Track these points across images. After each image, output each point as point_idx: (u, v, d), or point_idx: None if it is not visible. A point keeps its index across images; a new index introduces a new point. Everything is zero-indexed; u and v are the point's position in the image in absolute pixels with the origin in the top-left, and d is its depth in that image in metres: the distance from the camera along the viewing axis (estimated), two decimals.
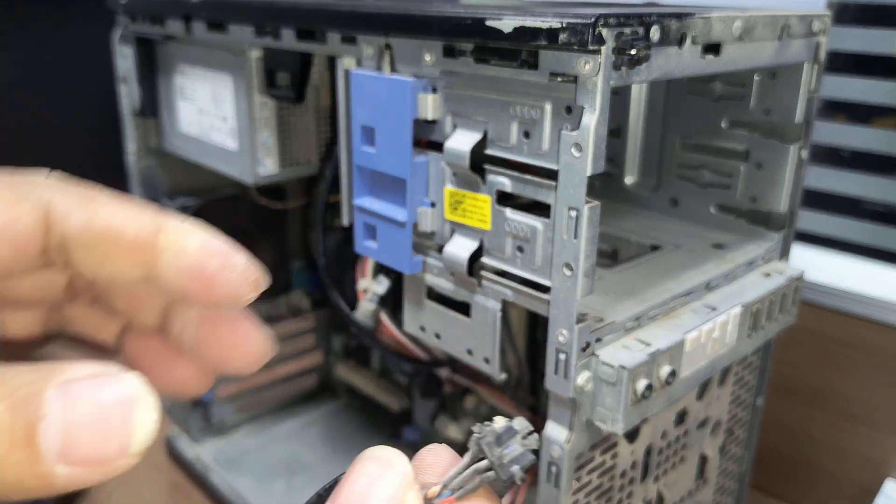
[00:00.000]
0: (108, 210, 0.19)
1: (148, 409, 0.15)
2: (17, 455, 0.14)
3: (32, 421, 0.14)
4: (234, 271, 0.19)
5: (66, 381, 0.15)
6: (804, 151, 0.49)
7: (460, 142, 0.39)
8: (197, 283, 0.18)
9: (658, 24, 0.34)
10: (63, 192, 0.19)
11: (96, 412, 0.15)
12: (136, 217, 0.19)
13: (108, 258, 0.19)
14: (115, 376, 0.15)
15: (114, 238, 0.18)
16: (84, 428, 0.14)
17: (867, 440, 0.67)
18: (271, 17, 0.48)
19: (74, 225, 0.18)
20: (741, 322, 0.44)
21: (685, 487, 0.51)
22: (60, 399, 0.14)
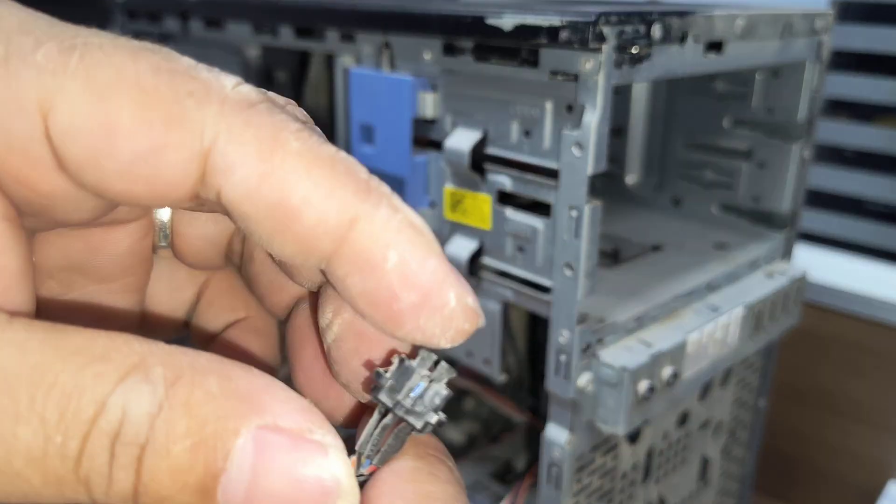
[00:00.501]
0: (289, 177, 0.13)
1: (349, 491, 0.12)
2: (188, 498, 0.12)
3: (214, 471, 0.12)
4: (438, 316, 0.13)
5: (263, 427, 0.12)
6: (807, 151, 0.48)
7: (460, 141, 0.39)
8: (381, 313, 0.13)
9: (660, 23, 0.34)
10: (237, 130, 0.13)
11: (290, 488, 0.12)
12: (324, 196, 0.13)
13: (274, 238, 0.13)
14: (321, 449, 0.12)
15: (286, 220, 0.13)
16: (270, 498, 0.12)
17: (870, 442, 0.67)
18: (269, 14, 0.48)
19: (236, 188, 0.13)
20: (743, 323, 0.44)
21: (687, 489, 0.50)
22: (252, 452, 0.12)
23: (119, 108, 0.12)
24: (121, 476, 0.11)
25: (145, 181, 0.13)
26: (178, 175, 0.13)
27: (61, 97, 0.12)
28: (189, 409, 0.12)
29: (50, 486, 0.12)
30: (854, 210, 0.76)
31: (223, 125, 0.13)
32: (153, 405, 0.12)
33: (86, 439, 0.11)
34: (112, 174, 0.13)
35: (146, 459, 0.11)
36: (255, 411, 0.12)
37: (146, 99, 0.12)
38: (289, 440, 0.12)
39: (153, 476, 0.12)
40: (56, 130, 0.12)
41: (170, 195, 0.13)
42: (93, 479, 0.11)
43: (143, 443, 0.11)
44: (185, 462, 0.12)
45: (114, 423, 0.11)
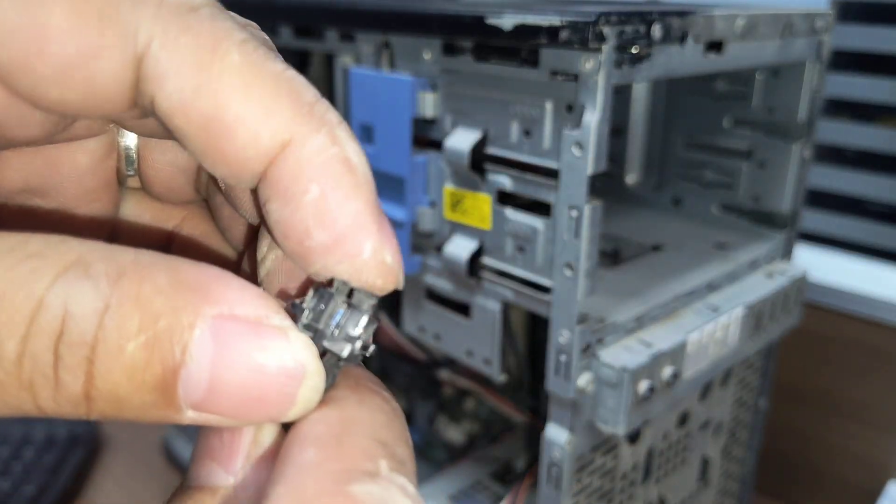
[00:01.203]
0: (225, 90, 0.12)
1: (315, 387, 0.12)
2: (146, 396, 0.11)
3: (173, 366, 0.11)
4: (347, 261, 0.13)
5: (219, 317, 0.11)
6: (807, 150, 0.48)
7: (460, 140, 0.39)
8: (293, 245, 0.13)
9: (660, 22, 0.34)
10: (173, 36, 0.12)
11: (252, 376, 0.12)
12: (260, 115, 0.12)
13: (207, 154, 0.13)
14: (282, 333, 0.12)
15: (219, 136, 0.12)
16: (232, 388, 0.11)
17: (870, 442, 0.67)
18: (269, 14, 0.48)
19: (170, 98, 0.12)
20: (744, 323, 0.44)
21: (687, 490, 0.50)
22: (211, 344, 0.11)
23: (50, 10, 0.12)
24: (68, 379, 0.11)
25: (80, 87, 0.12)
26: (112, 81, 0.12)
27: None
28: (139, 304, 0.11)
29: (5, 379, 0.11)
30: (855, 210, 0.76)
31: (158, 28, 0.12)
32: (97, 301, 0.11)
33: (25, 340, 0.11)
34: (45, 80, 0.12)
35: (97, 360, 0.11)
36: (210, 301, 0.11)
37: (80, 2, 0.12)
38: (247, 327, 0.12)
39: (107, 377, 0.11)
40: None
41: (106, 102, 0.13)
42: (37, 383, 0.11)
43: (92, 342, 0.11)
44: (141, 359, 0.11)
45: (54, 321, 0.11)
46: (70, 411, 0.11)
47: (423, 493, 0.52)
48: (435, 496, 0.53)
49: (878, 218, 0.75)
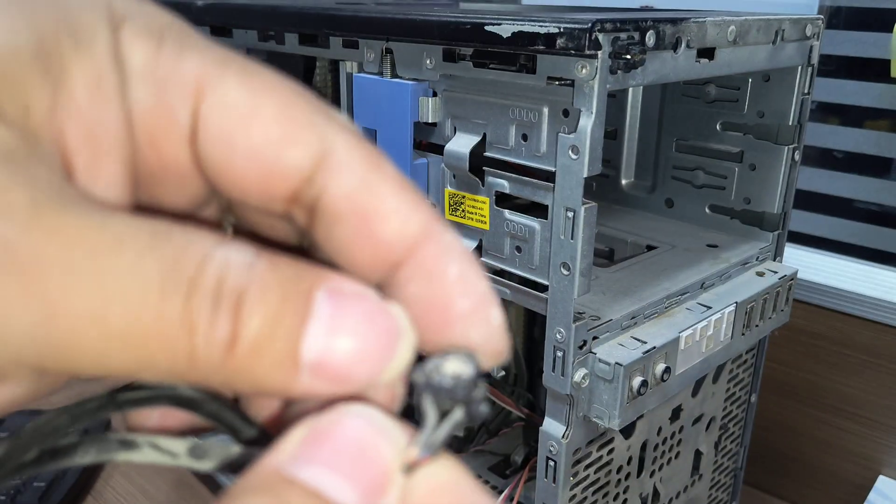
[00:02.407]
0: (386, 188, 0.15)
1: (409, 344, 0.14)
2: (276, 348, 0.13)
3: (302, 318, 0.13)
4: (484, 327, 0.15)
5: (335, 289, 0.14)
6: (797, 153, 0.50)
7: (460, 144, 0.40)
8: (435, 317, 0.15)
9: (653, 29, 0.35)
10: (351, 144, 0.15)
11: (362, 331, 0.13)
12: (410, 210, 0.15)
13: (355, 240, 0.15)
14: (381, 303, 0.14)
15: (374, 223, 0.15)
16: (346, 343, 0.13)
17: (860, 437, 0.68)
18: (275, 22, 0.49)
19: (342, 186, 0.15)
20: (735, 320, 0.45)
21: (680, 482, 0.52)
22: (330, 304, 0.13)
23: (264, 102, 0.15)
24: (222, 321, 0.13)
25: (264, 167, 0.15)
26: (295, 167, 0.15)
27: (219, 82, 0.15)
28: (275, 269, 0.13)
29: (158, 326, 0.12)
30: (844, 211, 0.77)
31: (342, 137, 0.15)
32: (249, 261, 0.13)
33: (195, 281, 0.13)
34: (238, 154, 0.15)
35: (244, 306, 0.13)
36: (327, 276, 0.14)
37: (287, 103, 0.15)
38: (356, 296, 0.14)
39: (249, 322, 0.13)
40: (206, 105, 0.15)
41: (278, 187, 0.15)
42: (198, 323, 0.13)
43: (242, 291, 0.13)
44: (278, 310, 0.13)
45: (218, 269, 0.13)
46: (215, 359, 0.13)
47: None
48: None
49: (866, 219, 0.76)
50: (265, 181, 0.15)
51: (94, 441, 0.15)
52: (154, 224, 0.13)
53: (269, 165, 0.15)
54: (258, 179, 0.15)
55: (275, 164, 0.15)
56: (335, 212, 0.15)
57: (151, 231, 0.13)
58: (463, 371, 0.15)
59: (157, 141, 0.15)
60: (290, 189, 0.15)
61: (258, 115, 0.15)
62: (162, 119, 0.15)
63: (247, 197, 0.16)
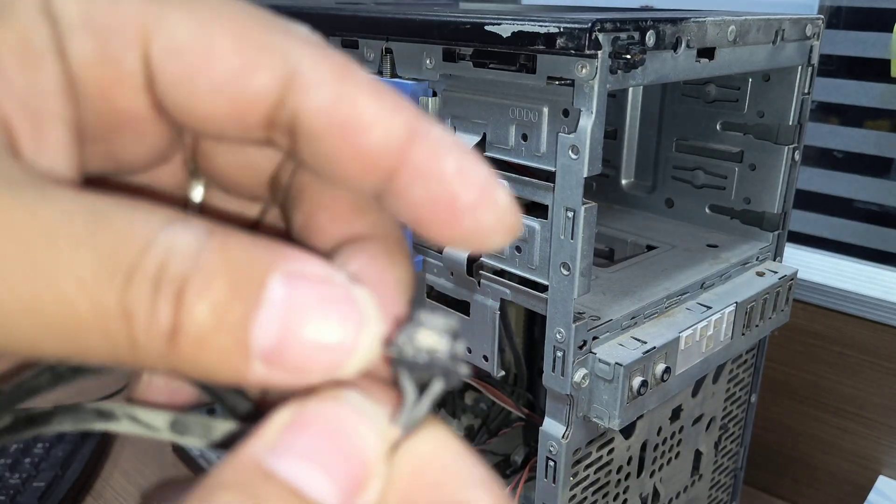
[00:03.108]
0: (361, 97, 0.14)
1: (374, 333, 0.13)
2: (222, 339, 0.12)
3: (250, 305, 0.12)
4: (493, 211, 0.14)
5: (292, 272, 0.13)
6: (797, 153, 0.50)
7: None
8: (442, 214, 0.14)
9: (653, 29, 0.35)
10: (316, 58, 0.14)
11: (319, 320, 0.13)
12: (391, 114, 0.14)
13: (341, 156, 0.14)
14: (345, 288, 0.13)
15: (357, 134, 0.14)
16: (301, 331, 0.12)
17: (860, 437, 0.68)
18: None
19: (315, 104, 0.14)
20: (735, 320, 0.45)
21: (680, 483, 0.52)
22: (285, 290, 0.12)
23: (217, 33, 0.14)
24: (163, 310, 0.12)
25: (231, 100, 0.14)
26: (263, 94, 0.14)
27: (164, 22, 0.14)
28: (225, 252, 0.12)
29: (95, 316, 0.12)
30: (844, 211, 0.77)
31: (306, 52, 0.14)
32: (195, 244, 0.12)
33: (134, 268, 0.12)
34: (202, 93, 0.14)
35: (187, 294, 0.12)
36: (284, 258, 0.13)
37: (241, 28, 0.14)
38: (316, 281, 0.13)
39: (192, 311, 0.12)
40: (157, 49, 0.14)
41: (249, 117, 0.14)
42: (136, 312, 0.12)
43: (185, 277, 0.12)
44: (224, 297, 0.12)
45: (160, 256, 0.12)
46: (157, 348, 0.12)
47: None
48: None
49: (866, 219, 0.76)
50: (235, 114, 0.14)
51: (69, 410, 0.15)
52: (95, 204, 0.12)
53: (235, 98, 0.14)
54: (227, 113, 0.14)
55: (241, 96, 0.14)
56: (315, 129, 0.14)
57: (90, 213, 0.12)
58: (437, 343, 0.14)
59: (109, 93, 0.15)
60: (263, 116, 0.14)
61: (213, 49, 0.14)
62: (109, 70, 0.14)
63: (218, 131, 0.15)
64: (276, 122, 0.15)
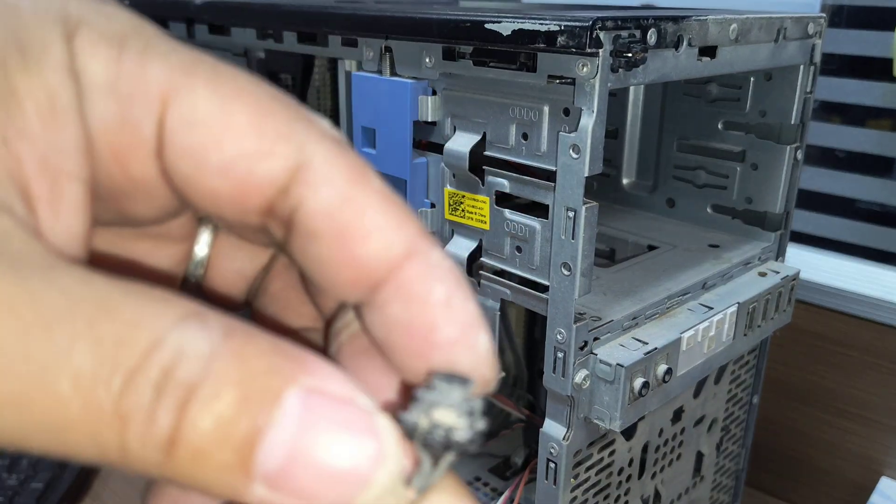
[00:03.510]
0: (369, 204, 0.14)
1: (391, 472, 0.12)
2: (224, 455, 0.11)
3: (259, 427, 0.11)
4: (470, 355, 0.14)
5: (312, 388, 0.12)
6: (799, 153, 0.49)
7: (460, 143, 0.40)
8: (416, 342, 0.14)
9: (655, 28, 0.35)
10: (332, 156, 0.14)
11: (333, 449, 0.12)
12: (394, 228, 0.14)
13: (330, 262, 0.14)
14: (368, 415, 0.12)
15: (354, 242, 0.14)
16: (311, 457, 0.11)
17: (862, 438, 0.68)
18: (273, 20, 0.49)
19: (319, 203, 0.14)
20: (737, 321, 0.45)
21: (682, 484, 0.51)
22: (299, 412, 0.11)
23: (237, 112, 0.14)
24: (162, 417, 0.11)
25: (237, 181, 0.14)
26: (269, 179, 0.14)
27: (186, 92, 0.14)
28: (241, 360, 0.11)
29: (87, 418, 0.11)
30: (846, 211, 0.77)
31: (322, 147, 0.14)
32: (208, 348, 0.11)
33: (136, 370, 0.11)
34: (210, 168, 0.14)
35: (192, 404, 0.11)
36: (305, 371, 0.12)
37: (262, 112, 0.14)
38: (336, 402, 0.12)
39: (195, 423, 0.11)
40: (173, 118, 0.14)
41: (251, 201, 0.14)
42: (132, 417, 0.11)
43: (193, 386, 0.11)
44: (232, 412, 0.11)
45: (167, 359, 0.11)
46: (151, 457, 0.11)
47: None
48: None
49: (868, 218, 0.76)
50: (238, 196, 0.14)
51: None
52: (105, 289, 0.12)
53: (242, 180, 0.14)
54: (231, 194, 0.14)
55: (248, 179, 0.14)
56: (312, 228, 0.14)
57: (98, 302, 0.11)
58: (456, 423, 0.13)
59: (122, 157, 0.14)
60: (265, 203, 0.14)
61: (229, 127, 0.14)
62: (126, 135, 0.14)
63: (218, 211, 0.14)
64: (275, 212, 0.14)
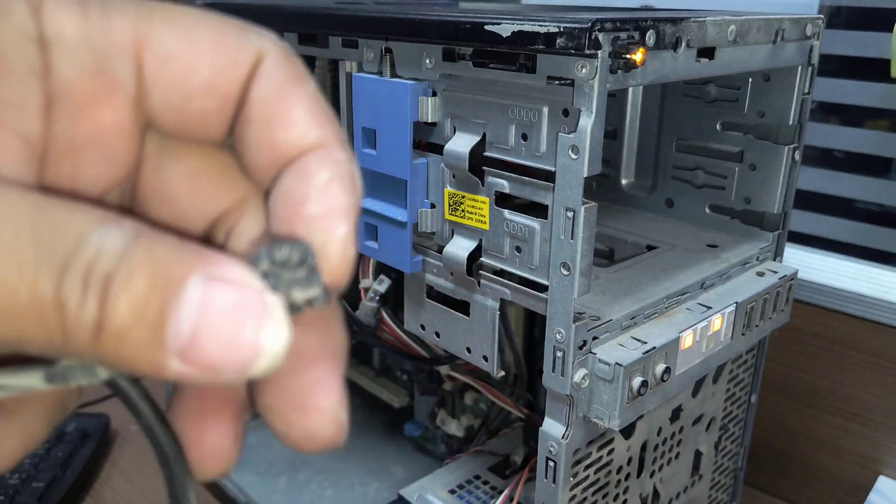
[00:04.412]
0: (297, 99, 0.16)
1: (281, 337, 0.14)
2: (140, 333, 0.13)
3: (166, 304, 0.13)
4: (324, 234, 0.16)
5: (211, 276, 0.14)
6: (797, 153, 0.50)
7: (459, 144, 0.40)
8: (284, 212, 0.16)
9: (653, 29, 0.35)
10: (279, 56, 0.16)
11: (231, 321, 0.14)
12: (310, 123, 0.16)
13: (255, 144, 0.16)
14: (260, 294, 0.14)
15: (274, 130, 0.16)
16: (213, 331, 0.13)
17: (860, 437, 0.68)
18: (274, 21, 0.49)
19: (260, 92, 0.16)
20: (735, 320, 0.45)
21: (680, 483, 0.52)
22: (201, 292, 0.13)
23: (201, 40, 0.16)
24: (90, 304, 0.13)
25: (219, 94, 0.16)
26: (239, 85, 0.16)
27: (153, 34, 0.16)
28: (150, 253, 0.13)
29: (34, 305, 0.13)
30: (844, 211, 0.77)
31: (273, 49, 0.16)
32: (122, 244, 0.13)
33: (68, 262, 0.13)
34: (195, 91, 0.16)
35: (111, 289, 0.13)
36: (206, 262, 0.14)
37: (220, 32, 0.16)
38: (233, 286, 0.14)
39: (115, 306, 0.13)
40: (150, 59, 0.16)
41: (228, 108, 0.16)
42: (68, 305, 0.13)
43: (111, 274, 0.13)
44: (143, 294, 0.13)
45: (90, 253, 0.13)
46: (85, 341, 0.13)
47: (423, 487, 0.54)
48: (435, 489, 0.54)
49: (866, 219, 0.76)
50: (221, 107, 0.16)
51: None
52: (38, 200, 0.13)
53: (223, 92, 0.16)
54: (216, 107, 0.16)
55: (227, 89, 0.16)
56: (250, 116, 0.16)
57: (33, 207, 0.13)
58: (294, 276, 0.15)
59: (96, 107, 0.16)
60: (235, 106, 0.16)
61: (200, 52, 0.16)
62: (101, 83, 0.15)
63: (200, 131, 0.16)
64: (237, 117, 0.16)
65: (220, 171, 0.18)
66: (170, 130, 0.17)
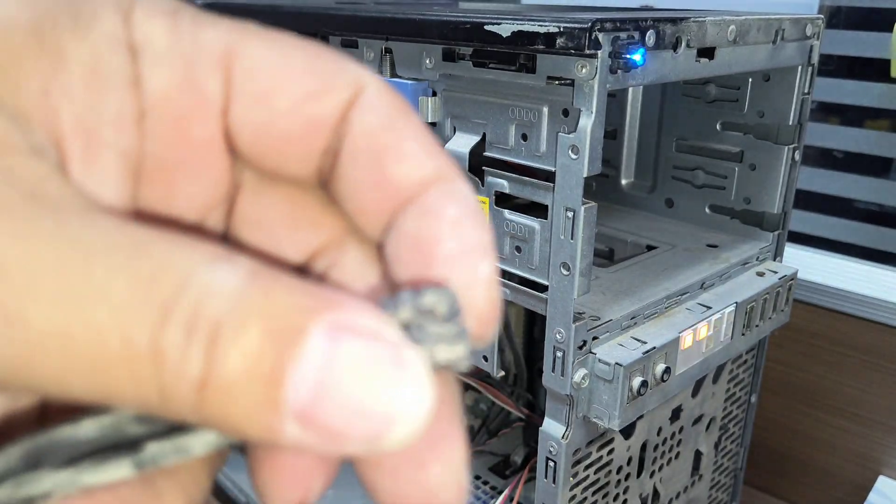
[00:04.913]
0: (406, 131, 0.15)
1: (423, 403, 0.12)
2: (253, 391, 0.11)
3: (285, 357, 0.11)
4: (467, 273, 0.14)
5: (338, 323, 0.12)
6: (797, 153, 0.50)
7: (459, 144, 0.40)
8: (417, 255, 0.14)
9: (653, 29, 0.35)
10: (380, 88, 0.15)
11: (362, 381, 0.11)
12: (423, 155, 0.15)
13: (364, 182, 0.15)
14: (396, 348, 0.12)
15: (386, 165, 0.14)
16: (340, 393, 0.11)
17: (860, 437, 0.68)
18: (273, 21, 0.49)
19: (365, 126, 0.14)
20: (735, 320, 0.45)
21: (680, 483, 0.52)
22: (326, 344, 0.11)
23: (295, 58, 0.15)
24: (194, 355, 0.11)
25: (307, 117, 0.14)
26: (332, 113, 0.14)
27: (244, 47, 0.14)
28: (268, 296, 0.11)
29: (126, 353, 0.11)
30: (843, 211, 0.77)
31: (373, 81, 0.15)
32: (235, 286, 0.11)
33: (170, 305, 0.11)
34: (280, 111, 0.14)
35: (220, 339, 0.11)
36: (332, 307, 0.12)
37: (315, 56, 0.15)
38: (364, 336, 0.12)
39: (224, 360, 0.11)
40: (237, 71, 0.14)
41: (318, 137, 0.15)
42: (168, 354, 0.11)
43: (220, 322, 0.11)
44: (258, 347, 0.11)
45: (196, 296, 0.11)
46: (186, 397, 0.11)
47: None
48: None
49: (866, 219, 0.76)
50: (307, 133, 0.14)
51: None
52: (138, 233, 0.12)
53: (311, 116, 0.14)
54: (301, 132, 0.14)
55: (316, 114, 0.14)
56: (354, 149, 0.14)
57: (132, 242, 0.12)
58: (441, 331, 0.13)
59: (184, 119, 0.14)
60: (328, 137, 0.15)
61: (291, 70, 0.14)
62: (190, 95, 0.14)
63: (283, 157, 0.15)
64: (330, 147, 0.15)
65: (318, 201, 0.16)
66: (244, 151, 0.15)
